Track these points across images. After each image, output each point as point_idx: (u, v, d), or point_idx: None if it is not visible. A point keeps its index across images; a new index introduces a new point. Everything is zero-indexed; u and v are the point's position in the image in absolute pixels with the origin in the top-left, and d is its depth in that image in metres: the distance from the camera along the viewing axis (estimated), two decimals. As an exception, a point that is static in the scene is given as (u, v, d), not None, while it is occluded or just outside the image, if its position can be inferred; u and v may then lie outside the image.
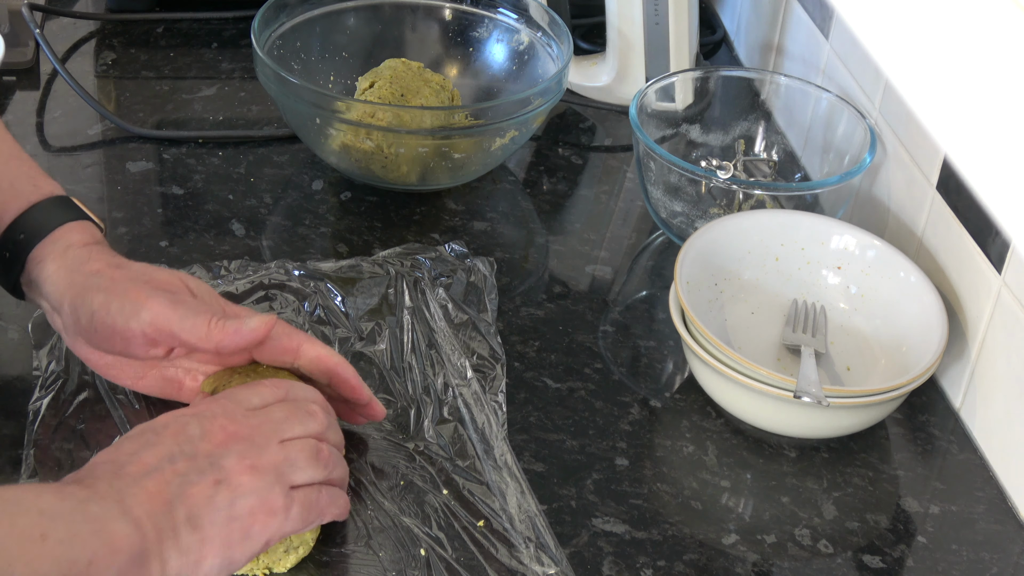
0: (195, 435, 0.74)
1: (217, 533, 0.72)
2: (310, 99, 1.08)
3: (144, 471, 0.71)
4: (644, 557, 0.84)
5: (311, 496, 0.77)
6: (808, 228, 1.03)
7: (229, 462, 0.74)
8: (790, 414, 0.91)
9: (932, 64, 0.94)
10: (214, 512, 0.72)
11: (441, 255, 1.06)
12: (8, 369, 0.94)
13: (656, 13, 1.25)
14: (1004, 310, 0.92)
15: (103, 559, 0.67)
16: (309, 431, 0.78)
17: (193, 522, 0.71)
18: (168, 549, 0.70)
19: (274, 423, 0.77)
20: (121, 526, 0.68)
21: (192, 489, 0.72)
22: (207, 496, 0.72)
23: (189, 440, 0.74)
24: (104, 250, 0.86)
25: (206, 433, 0.74)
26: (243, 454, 0.74)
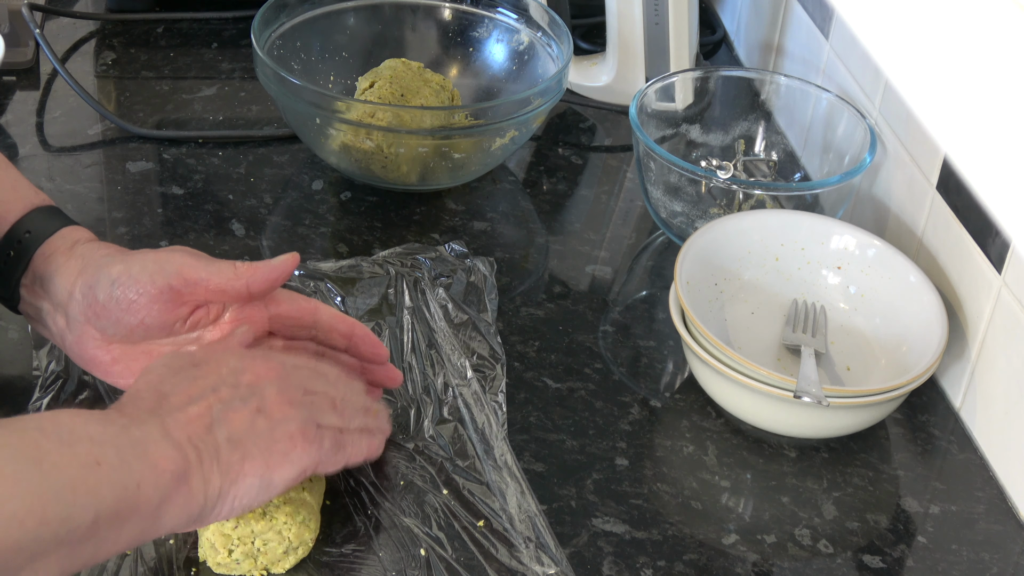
0: (236, 368, 0.77)
1: (259, 452, 0.75)
2: (310, 99, 1.08)
3: (188, 400, 0.74)
4: (644, 557, 0.84)
5: (336, 436, 0.79)
6: (808, 228, 1.03)
7: (269, 392, 0.76)
8: (790, 414, 0.91)
9: (932, 64, 0.94)
10: (256, 435, 0.75)
11: (441, 255, 1.06)
12: (8, 369, 0.94)
13: (656, 13, 1.25)
14: (1004, 310, 0.92)
15: (150, 480, 0.69)
16: (329, 392, 0.81)
17: (234, 442, 0.74)
18: (210, 468, 0.72)
19: (302, 375, 0.80)
20: (164, 448, 0.70)
21: (234, 414, 0.74)
22: (249, 420, 0.75)
23: (232, 372, 0.77)
24: (111, 243, 0.87)
25: (246, 368, 0.77)
26: (281, 389, 0.77)
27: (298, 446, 0.76)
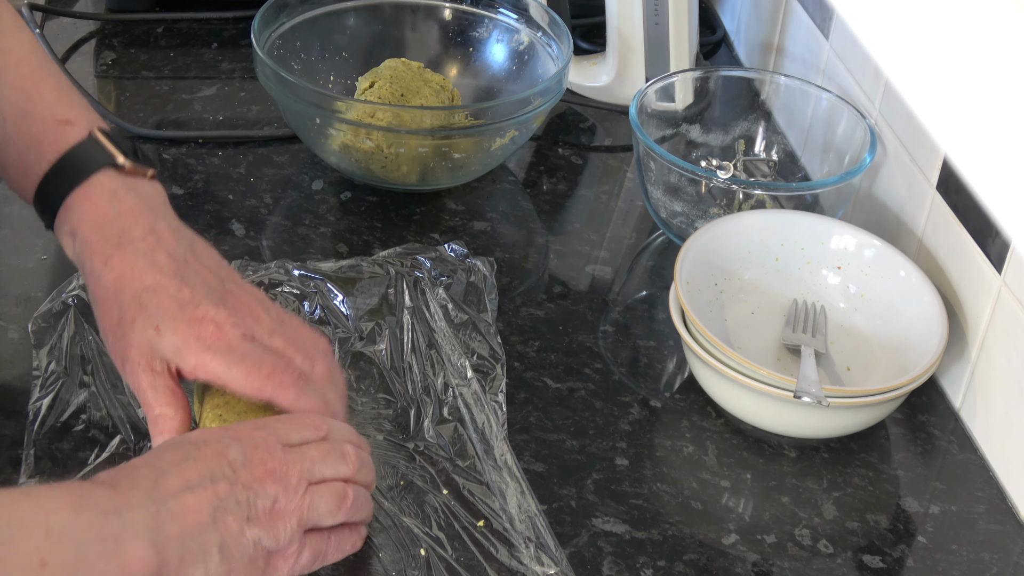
0: (237, 461, 0.74)
1: (242, 569, 0.72)
2: (310, 99, 1.08)
3: (185, 485, 0.71)
4: (644, 557, 0.84)
5: (321, 545, 0.77)
6: (808, 228, 1.03)
7: (263, 503, 0.73)
8: (790, 414, 0.91)
9: (932, 64, 0.94)
10: (243, 547, 0.72)
11: (441, 255, 1.06)
12: (8, 369, 0.94)
13: (656, 13, 1.25)
14: (1004, 310, 0.92)
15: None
16: (339, 474, 0.78)
17: (225, 552, 0.71)
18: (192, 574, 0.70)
19: (309, 463, 0.76)
20: (140, 546, 0.67)
21: (228, 517, 0.72)
22: (238, 530, 0.72)
23: (231, 465, 0.73)
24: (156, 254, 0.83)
25: (247, 462, 0.74)
26: (275, 497, 0.74)
27: (272, 565, 0.74)
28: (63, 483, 0.72)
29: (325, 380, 0.83)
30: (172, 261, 0.82)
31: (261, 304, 0.84)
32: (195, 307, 0.80)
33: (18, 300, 0.99)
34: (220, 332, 0.80)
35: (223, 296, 0.82)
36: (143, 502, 0.69)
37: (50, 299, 0.97)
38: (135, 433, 0.88)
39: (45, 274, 1.02)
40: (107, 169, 0.84)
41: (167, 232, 0.84)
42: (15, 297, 0.99)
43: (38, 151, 0.84)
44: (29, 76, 0.86)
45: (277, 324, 0.83)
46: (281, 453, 0.75)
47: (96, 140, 0.84)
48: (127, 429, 0.88)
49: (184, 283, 0.81)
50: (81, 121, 0.85)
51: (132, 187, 0.84)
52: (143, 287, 0.80)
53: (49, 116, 0.85)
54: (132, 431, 0.88)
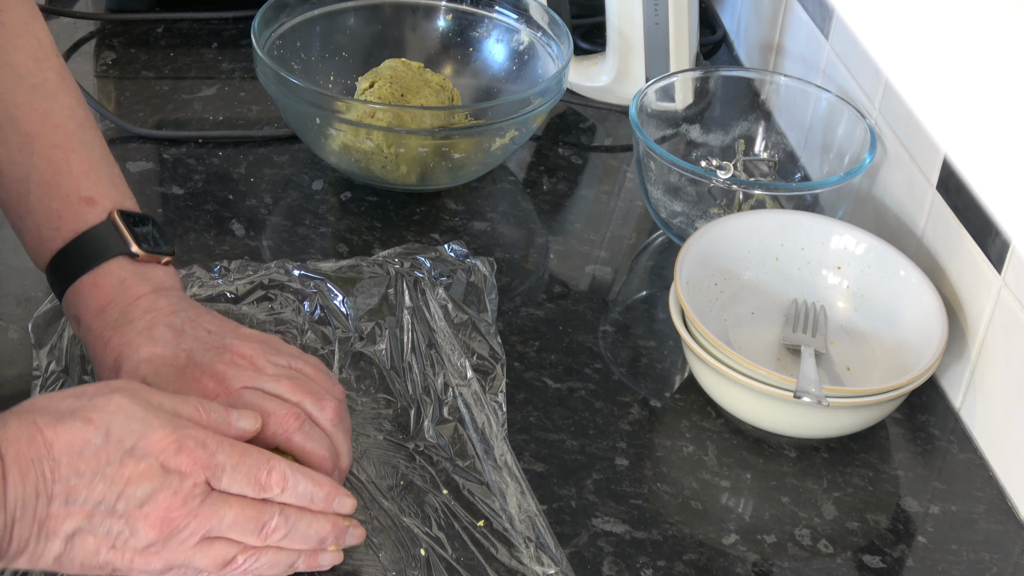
0: (138, 498, 0.71)
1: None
2: (310, 99, 1.08)
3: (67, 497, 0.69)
4: (644, 557, 0.84)
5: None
6: (808, 228, 1.03)
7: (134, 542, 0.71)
8: (790, 414, 0.91)
9: (932, 64, 0.94)
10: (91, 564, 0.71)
11: (441, 255, 1.06)
12: (8, 369, 0.94)
13: (656, 13, 1.25)
14: (1004, 310, 0.92)
15: None
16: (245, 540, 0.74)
17: (61, 561, 0.70)
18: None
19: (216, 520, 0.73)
20: None
21: (88, 537, 0.70)
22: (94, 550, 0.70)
23: (128, 498, 0.70)
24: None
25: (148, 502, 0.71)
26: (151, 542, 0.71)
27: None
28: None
29: (333, 424, 0.82)
30: (169, 331, 0.82)
31: (265, 353, 0.83)
32: (192, 368, 0.80)
33: (18, 300, 0.99)
34: (220, 386, 0.80)
35: (221, 353, 0.82)
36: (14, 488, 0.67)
37: (50, 299, 0.97)
38: (135, 433, 0.88)
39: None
40: (119, 257, 0.84)
41: (166, 307, 0.84)
42: (15, 297, 1.00)
43: (56, 227, 0.85)
44: (62, 145, 0.86)
45: (282, 372, 0.82)
46: (195, 506, 0.72)
47: (114, 225, 0.85)
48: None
49: (180, 349, 0.81)
50: (104, 201, 0.86)
51: (141, 274, 0.85)
52: (139, 360, 0.81)
53: (73, 192, 0.85)
54: None
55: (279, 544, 0.76)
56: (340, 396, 0.84)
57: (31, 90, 0.87)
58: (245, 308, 0.99)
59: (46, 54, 0.89)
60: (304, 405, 0.81)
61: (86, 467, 0.69)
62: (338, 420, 0.82)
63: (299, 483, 0.76)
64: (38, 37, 0.90)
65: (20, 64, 0.88)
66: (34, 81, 0.88)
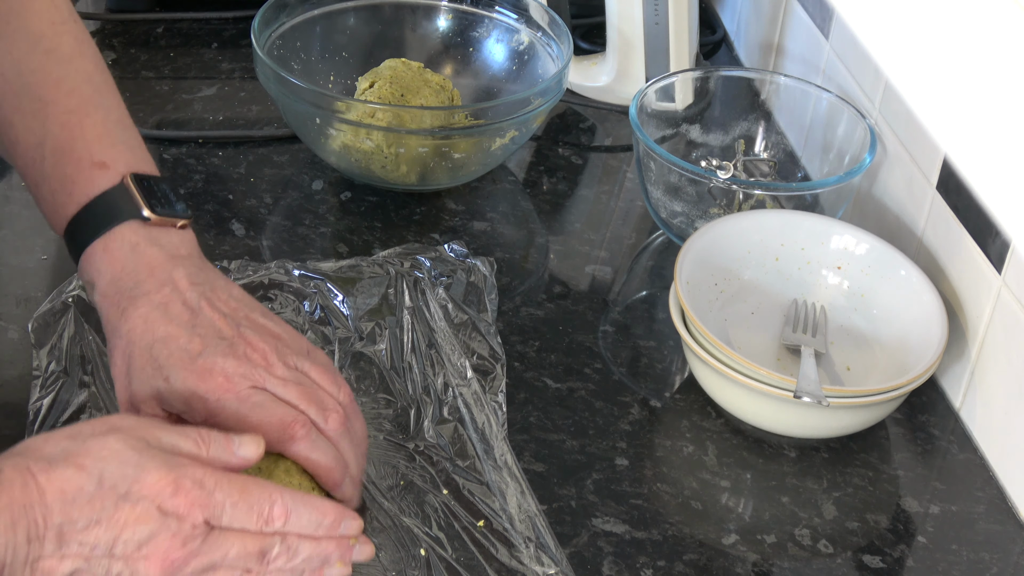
0: (136, 540, 0.69)
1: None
2: (310, 99, 1.08)
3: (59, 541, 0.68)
4: (644, 557, 0.84)
5: None
6: (808, 228, 1.03)
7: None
8: (790, 414, 0.91)
9: (932, 64, 0.94)
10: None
11: (441, 255, 1.06)
12: (8, 369, 0.94)
13: (656, 13, 1.25)
14: (1004, 310, 0.92)
15: None
16: (248, 571, 0.73)
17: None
18: None
19: (219, 556, 0.71)
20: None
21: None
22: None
23: (127, 542, 0.69)
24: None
25: (147, 544, 0.69)
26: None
27: None
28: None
29: (338, 433, 0.80)
30: (186, 310, 0.80)
31: (278, 350, 0.81)
32: (204, 359, 0.78)
33: (18, 300, 0.99)
34: (229, 383, 0.78)
35: (234, 345, 0.80)
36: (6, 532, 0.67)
37: (50, 299, 0.97)
38: (135, 433, 0.88)
39: (45, 274, 1.02)
40: (131, 221, 0.82)
41: (184, 280, 0.82)
42: (15, 297, 1.00)
43: (69, 192, 0.83)
44: (76, 110, 0.85)
45: (292, 373, 0.81)
46: (195, 544, 0.71)
47: (125, 189, 0.83)
48: (127, 429, 0.88)
49: (195, 334, 0.79)
50: (117, 164, 0.84)
51: (154, 239, 0.83)
52: (154, 339, 0.79)
53: (86, 156, 0.84)
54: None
55: (282, 569, 0.75)
56: (347, 400, 0.82)
57: (45, 55, 0.86)
58: (245, 308, 0.99)
59: (62, 18, 0.88)
60: (309, 413, 0.80)
61: (79, 514, 0.68)
62: (343, 429, 0.81)
63: (302, 514, 0.74)
64: (54, 1, 0.88)
65: (35, 29, 0.87)
66: (48, 46, 0.86)
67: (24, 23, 0.87)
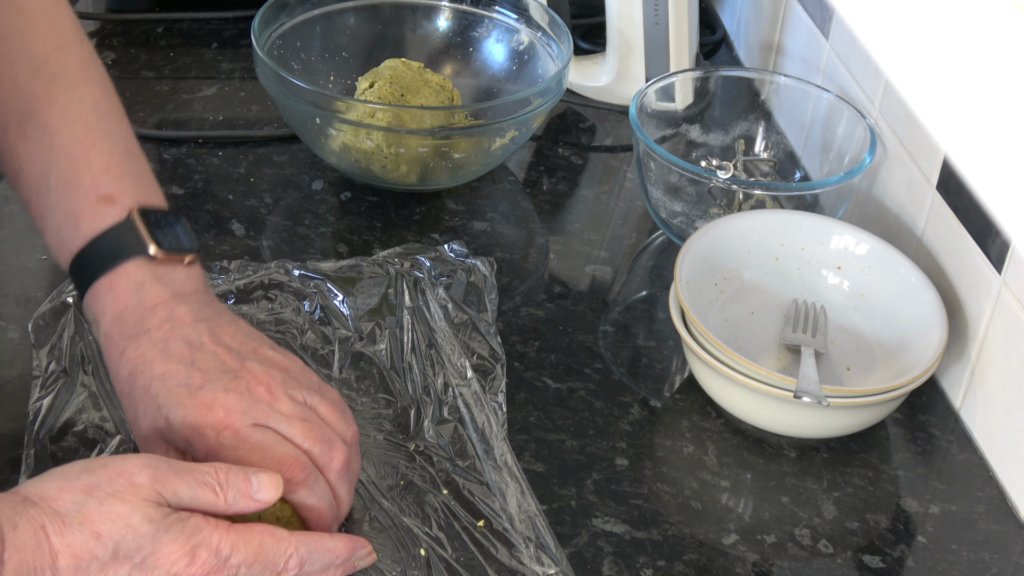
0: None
1: None
2: (310, 99, 1.08)
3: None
4: (644, 557, 0.84)
5: None
6: (808, 228, 1.03)
7: None
8: (790, 414, 0.91)
9: (932, 64, 0.94)
10: None
11: (441, 255, 1.06)
12: (8, 369, 0.94)
13: (656, 13, 1.25)
14: (1004, 310, 0.92)
15: None
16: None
17: None
18: None
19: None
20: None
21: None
22: None
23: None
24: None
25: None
26: None
27: None
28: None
29: (340, 475, 0.79)
30: (186, 347, 0.79)
31: (284, 383, 0.79)
32: (204, 393, 0.77)
33: (18, 300, 0.99)
34: (229, 419, 0.76)
35: (238, 378, 0.78)
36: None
37: (50, 299, 0.97)
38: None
39: (45, 274, 1.02)
40: (137, 258, 0.80)
41: (187, 316, 0.80)
42: (15, 297, 1.00)
43: (75, 227, 0.81)
44: (82, 139, 0.83)
45: (298, 408, 0.79)
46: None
47: (132, 224, 0.81)
48: (127, 429, 0.88)
49: (195, 368, 0.78)
50: (124, 198, 0.82)
51: (160, 277, 0.81)
52: (152, 377, 0.78)
53: (92, 190, 0.82)
54: (132, 431, 0.88)
55: None
56: (353, 440, 0.81)
57: (50, 81, 0.83)
58: (245, 308, 0.99)
59: (67, 40, 0.85)
60: (313, 453, 0.78)
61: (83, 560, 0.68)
62: (345, 471, 0.79)
63: (315, 560, 0.74)
64: (59, 23, 0.85)
65: (39, 53, 0.84)
66: (53, 71, 0.84)
67: (26, 46, 0.84)
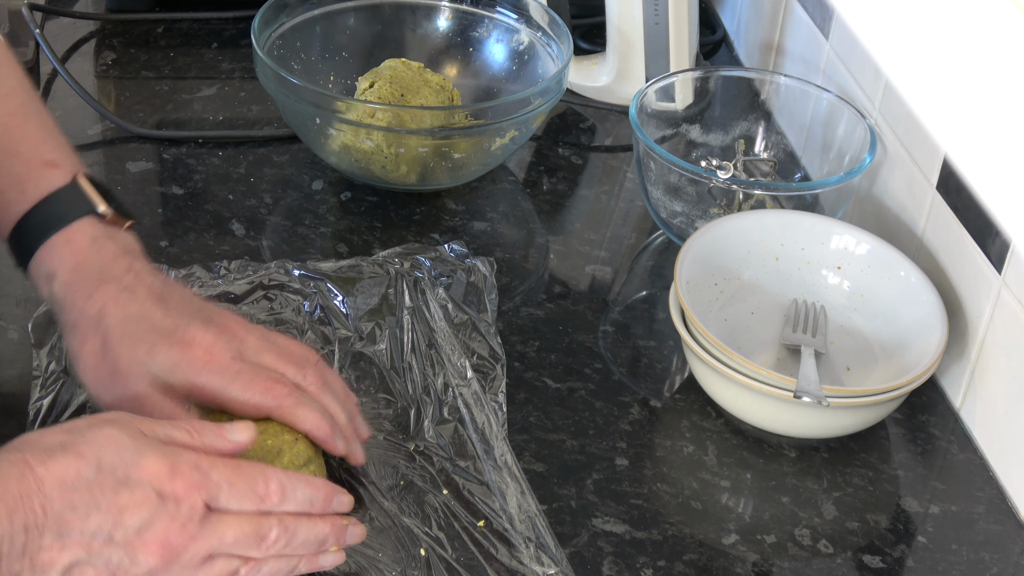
0: (136, 526, 0.70)
1: None
2: (310, 99, 1.08)
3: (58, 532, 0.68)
4: (644, 557, 0.84)
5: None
6: (808, 228, 1.03)
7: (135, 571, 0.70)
8: (790, 414, 0.91)
9: (932, 64, 0.94)
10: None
11: (441, 255, 1.06)
12: (8, 369, 0.94)
13: (656, 13, 1.25)
14: (1004, 310, 0.92)
15: None
16: (249, 554, 0.74)
17: None
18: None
19: (216, 541, 0.72)
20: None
21: (87, 569, 0.69)
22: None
23: (126, 527, 0.70)
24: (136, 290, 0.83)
25: (147, 529, 0.70)
26: (150, 570, 0.70)
27: None
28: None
29: (319, 388, 0.83)
30: (153, 293, 0.83)
31: (244, 326, 0.84)
32: (183, 332, 0.81)
33: (18, 300, 0.99)
34: (210, 354, 0.80)
35: (207, 320, 0.82)
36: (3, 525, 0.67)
37: (50, 299, 0.97)
38: (135, 433, 0.88)
39: (45, 274, 1.02)
40: (88, 217, 0.84)
41: (145, 270, 0.84)
42: (15, 297, 1.00)
43: (20, 190, 0.85)
44: (15, 112, 0.87)
45: (263, 342, 0.84)
46: (194, 528, 0.71)
47: (79, 187, 0.85)
48: (127, 429, 0.88)
49: (168, 311, 0.82)
50: (66, 164, 0.86)
51: (111, 235, 0.85)
52: (127, 315, 0.81)
53: (34, 156, 0.85)
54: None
55: (281, 553, 0.75)
56: (316, 360, 0.85)
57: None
58: (245, 308, 0.99)
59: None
60: (288, 373, 0.82)
61: (79, 500, 0.69)
62: (321, 383, 0.83)
63: (297, 489, 0.75)
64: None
65: None
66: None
67: None
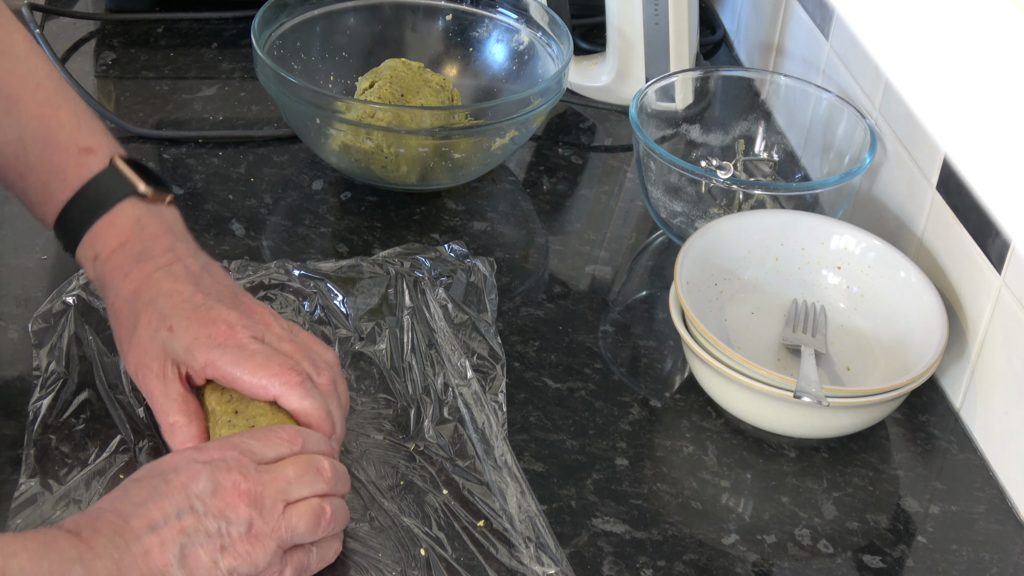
0: (206, 490, 0.73)
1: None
2: (310, 99, 1.08)
3: (149, 526, 0.71)
4: (644, 557, 0.84)
5: (303, 559, 0.77)
6: (808, 228, 1.03)
7: (236, 530, 0.73)
8: (790, 414, 0.91)
9: (932, 64, 0.94)
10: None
11: (441, 255, 1.06)
12: (8, 369, 0.94)
13: (656, 13, 1.25)
14: (1004, 310, 0.92)
15: None
16: (316, 490, 0.77)
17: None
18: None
19: (284, 483, 0.75)
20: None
21: (198, 551, 0.72)
22: (210, 561, 0.72)
23: (199, 495, 0.73)
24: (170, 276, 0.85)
25: (217, 488, 0.73)
26: (249, 522, 0.73)
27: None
28: (31, 531, 0.72)
29: (329, 390, 0.84)
30: (188, 272, 0.85)
31: (273, 315, 0.86)
32: (208, 309, 0.83)
33: (18, 300, 0.99)
34: (231, 332, 0.82)
35: (236, 303, 0.84)
36: (106, 549, 0.69)
37: (50, 299, 0.97)
38: (135, 433, 0.88)
39: (45, 274, 1.02)
40: (130, 198, 0.86)
41: (185, 251, 0.86)
42: (15, 297, 1.00)
43: (61, 179, 0.87)
44: (48, 103, 0.88)
45: (287, 332, 0.85)
46: (255, 473, 0.75)
47: (117, 169, 0.87)
48: (127, 429, 0.88)
49: (199, 289, 0.84)
50: (102, 149, 0.88)
51: (155, 213, 0.87)
52: (159, 292, 0.83)
53: (71, 144, 0.87)
54: (132, 431, 0.88)
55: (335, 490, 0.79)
56: (335, 363, 0.86)
57: (2, 55, 0.88)
58: (245, 308, 1.00)
59: (6, 19, 0.90)
60: (303, 366, 0.83)
61: (140, 495, 0.72)
62: (332, 388, 0.84)
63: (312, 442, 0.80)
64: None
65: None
66: (2, 46, 0.89)
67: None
